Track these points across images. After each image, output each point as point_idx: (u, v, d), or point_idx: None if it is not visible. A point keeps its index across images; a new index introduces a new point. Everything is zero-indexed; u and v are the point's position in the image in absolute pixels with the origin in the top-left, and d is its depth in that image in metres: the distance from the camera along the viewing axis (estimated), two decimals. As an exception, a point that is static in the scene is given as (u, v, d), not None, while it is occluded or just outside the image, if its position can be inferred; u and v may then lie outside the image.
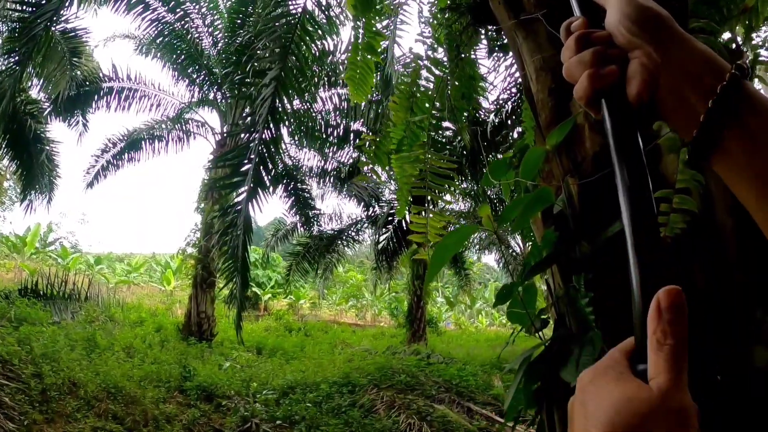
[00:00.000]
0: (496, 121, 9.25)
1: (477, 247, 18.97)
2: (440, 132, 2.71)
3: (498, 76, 7.44)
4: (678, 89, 0.60)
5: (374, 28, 3.04)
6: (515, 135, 9.12)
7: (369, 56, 3.06)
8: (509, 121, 8.84)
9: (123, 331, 13.46)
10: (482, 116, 8.99)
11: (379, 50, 3.11)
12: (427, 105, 2.64)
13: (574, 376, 1.62)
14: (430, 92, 2.66)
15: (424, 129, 2.55)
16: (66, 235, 34.88)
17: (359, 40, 3.08)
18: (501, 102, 9.05)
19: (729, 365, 1.63)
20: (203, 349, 12.98)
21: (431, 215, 2.25)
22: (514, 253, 16.85)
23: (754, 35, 2.71)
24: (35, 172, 12.92)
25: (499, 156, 9.59)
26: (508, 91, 8.62)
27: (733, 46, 2.47)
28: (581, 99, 0.65)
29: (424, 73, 2.68)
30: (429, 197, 2.39)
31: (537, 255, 1.84)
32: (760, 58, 2.94)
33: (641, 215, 0.57)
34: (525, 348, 2.08)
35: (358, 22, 3.08)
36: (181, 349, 12.25)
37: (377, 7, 3.04)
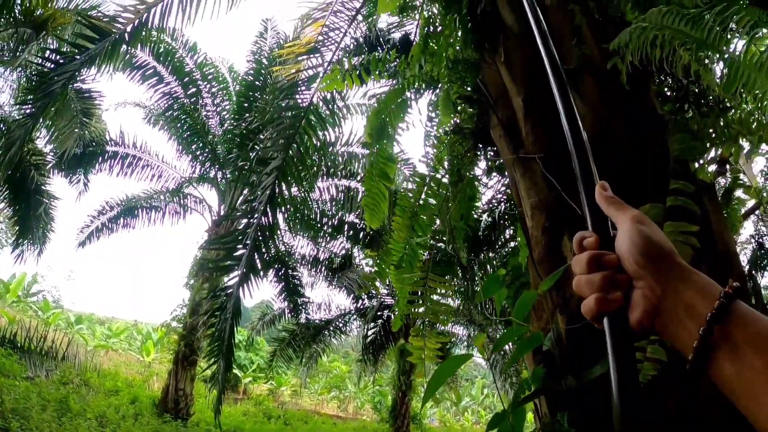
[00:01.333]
0: (489, 220, 9.43)
1: (465, 344, 18.74)
2: (439, 252, 2.83)
3: (492, 178, 7.66)
4: (677, 317, 0.68)
5: (387, 154, 3.23)
6: (507, 235, 9.28)
7: (382, 182, 3.22)
8: (501, 221, 9.02)
9: (97, 398, 13.09)
10: (476, 215, 9.15)
11: (390, 175, 3.28)
12: (428, 224, 2.78)
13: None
14: (431, 211, 2.81)
15: (424, 248, 2.68)
16: (50, 288, 34.27)
17: (374, 167, 3.26)
18: (494, 203, 9.26)
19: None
20: (178, 428, 12.59)
21: (429, 336, 2.34)
22: (502, 352, 16.66)
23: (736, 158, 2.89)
24: (31, 223, 12.84)
25: (491, 254, 9.75)
26: (502, 193, 8.84)
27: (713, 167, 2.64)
28: (587, 314, 0.74)
29: (426, 192, 2.84)
30: (426, 319, 2.48)
31: (527, 388, 1.92)
32: (740, 181, 3.13)
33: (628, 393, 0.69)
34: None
35: (373, 149, 3.27)
36: (155, 426, 11.87)
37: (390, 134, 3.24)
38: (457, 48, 2.96)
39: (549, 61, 0.99)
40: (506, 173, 2.72)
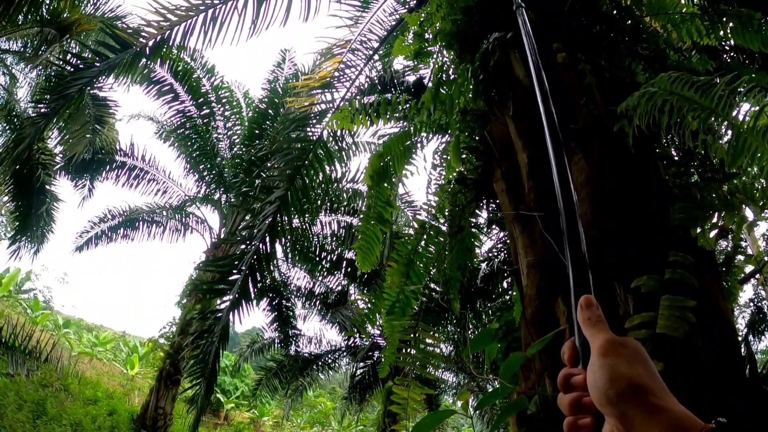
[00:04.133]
0: (487, 269, 9.38)
1: (454, 391, 18.43)
2: (432, 301, 2.79)
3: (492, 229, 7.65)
4: None
5: (385, 197, 3.21)
6: (504, 285, 9.23)
7: (378, 226, 3.20)
8: (499, 272, 8.97)
9: (75, 405, 12.89)
10: (474, 264, 9.11)
11: (388, 219, 3.26)
12: (423, 272, 2.76)
13: None
14: (428, 259, 2.79)
15: (417, 296, 2.65)
16: (42, 288, 34.03)
17: (371, 209, 3.24)
18: (494, 253, 9.22)
19: None
20: (154, 446, 12.37)
21: (413, 386, 2.29)
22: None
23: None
24: (31, 221, 12.81)
25: (487, 304, 9.68)
26: (502, 243, 8.82)
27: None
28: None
29: (425, 240, 2.82)
30: (412, 368, 2.44)
31: (508, 452, 1.87)
32: (740, 248, 3.10)
33: None
34: None
35: (372, 191, 3.26)
36: (131, 441, 11.66)
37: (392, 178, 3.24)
38: (468, 97, 2.98)
39: (548, 127, 0.98)
40: (506, 227, 2.70)
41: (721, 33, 3.39)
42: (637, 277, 1.85)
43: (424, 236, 2.89)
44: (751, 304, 9.49)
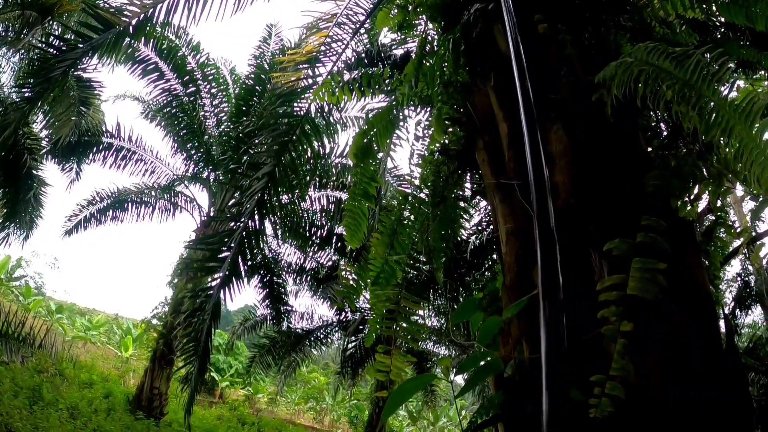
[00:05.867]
0: (477, 242, 9.47)
1: (445, 363, 18.61)
2: (417, 272, 2.84)
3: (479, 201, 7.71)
4: None
5: (370, 173, 3.24)
6: (493, 258, 9.32)
7: (364, 202, 3.23)
8: (487, 245, 9.06)
9: (70, 390, 13.00)
10: (464, 236, 9.19)
11: (373, 195, 3.28)
12: (407, 242, 2.79)
13: None
14: (411, 230, 2.82)
15: (402, 266, 2.69)
16: (33, 275, 33.95)
17: (356, 186, 3.27)
18: (483, 226, 9.30)
19: None
20: (150, 427, 12.50)
21: (396, 355, 2.34)
22: (480, 374, 16.50)
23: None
24: (19, 207, 12.74)
25: (477, 275, 9.79)
26: (489, 216, 8.90)
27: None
28: None
29: (408, 211, 2.85)
30: (400, 339, 2.49)
31: (484, 413, 1.92)
32: (721, 220, 3.14)
33: None
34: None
35: (358, 168, 3.28)
36: (127, 422, 11.78)
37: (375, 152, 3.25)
38: (451, 69, 2.99)
39: (522, 98, 1.01)
40: (488, 197, 2.74)
41: (706, 6, 3.39)
42: (611, 242, 1.89)
43: (408, 207, 2.93)
44: (738, 278, 9.63)
